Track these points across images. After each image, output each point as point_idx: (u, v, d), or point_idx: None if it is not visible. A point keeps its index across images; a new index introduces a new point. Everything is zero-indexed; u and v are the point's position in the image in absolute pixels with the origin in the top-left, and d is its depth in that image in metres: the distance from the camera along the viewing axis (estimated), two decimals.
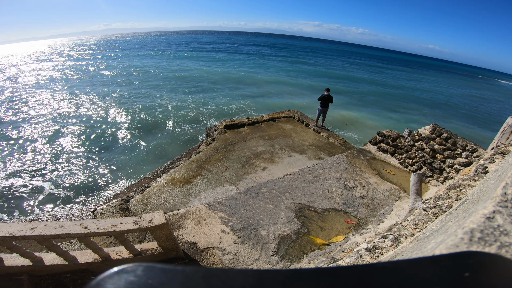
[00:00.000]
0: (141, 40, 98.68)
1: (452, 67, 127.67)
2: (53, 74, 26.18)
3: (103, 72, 27.26)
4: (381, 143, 6.79)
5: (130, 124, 12.59)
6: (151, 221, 2.77)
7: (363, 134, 13.12)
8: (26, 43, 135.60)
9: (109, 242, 3.80)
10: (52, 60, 38.37)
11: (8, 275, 2.92)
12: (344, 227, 4.16)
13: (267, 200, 4.64)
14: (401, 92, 27.82)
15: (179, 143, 10.53)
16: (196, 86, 21.08)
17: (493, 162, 2.74)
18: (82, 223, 2.64)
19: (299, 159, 6.76)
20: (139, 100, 16.81)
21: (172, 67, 31.05)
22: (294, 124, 9.20)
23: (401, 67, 64.09)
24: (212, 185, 5.56)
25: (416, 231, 2.30)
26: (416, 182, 3.32)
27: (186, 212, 4.27)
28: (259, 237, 3.84)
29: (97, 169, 8.48)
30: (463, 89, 39.97)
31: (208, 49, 56.60)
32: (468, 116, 21.56)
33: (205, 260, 3.49)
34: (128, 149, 10.03)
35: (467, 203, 1.55)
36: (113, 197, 5.81)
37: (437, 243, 0.72)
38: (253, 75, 27.24)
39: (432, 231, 1.59)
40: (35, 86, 20.59)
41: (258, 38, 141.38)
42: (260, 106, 16.32)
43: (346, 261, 2.58)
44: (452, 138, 5.21)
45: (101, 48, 58.12)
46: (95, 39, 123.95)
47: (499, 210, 0.68)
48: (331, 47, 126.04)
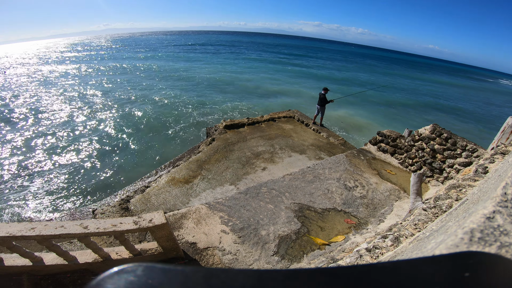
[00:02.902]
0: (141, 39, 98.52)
1: (452, 67, 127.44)
2: (48, 75, 26.11)
3: (100, 72, 27.26)
4: (381, 143, 6.79)
5: (129, 124, 12.60)
6: (151, 221, 2.77)
7: (363, 134, 13.12)
8: (25, 43, 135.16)
9: (109, 242, 3.80)
10: (48, 62, 38.10)
11: (8, 275, 2.92)
12: (344, 227, 4.16)
13: (267, 200, 4.64)
14: (402, 91, 27.83)
15: (179, 143, 10.53)
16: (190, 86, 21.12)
17: (493, 162, 2.74)
18: (82, 223, 2.64)
19: (299, 159, 6.76)
20: (139, 100, 16.81)
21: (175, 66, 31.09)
22: (294, 124, 9.20)
23: (403, 67, 63.70)
24: (212, 185, 5.56)
25: (416, 231, 2.30)
26: (416, 182, 3.32)
27: (186, 212, 4.27)
28: (259, 237, 3.84)
29: (97, 169, 8.48)
30: (464, 89, 39.94)
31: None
32: (468, 116, 21.57)
33: (205, 260, 3.49)
34: (128, 149, 10.03)
35: (467, 203, 1.55)
36: (113, 197, 5.82)
37: (437, 243, 0.72)
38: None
39: (432, 231, 1.59)
40: (30, 85, 20.60)
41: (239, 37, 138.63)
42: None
43: (346, 261, 2.57)
44: (452, 138, 5.21)
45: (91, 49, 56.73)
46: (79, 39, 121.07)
47: (499, 210, 0.68)
48: (330, 47, 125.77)
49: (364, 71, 41.60)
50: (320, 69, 37.93)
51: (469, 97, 32.12)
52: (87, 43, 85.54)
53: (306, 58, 53.73)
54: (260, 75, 28.16)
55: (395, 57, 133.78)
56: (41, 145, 10.29)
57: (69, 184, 7.63)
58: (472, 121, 20.31)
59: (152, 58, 40.28)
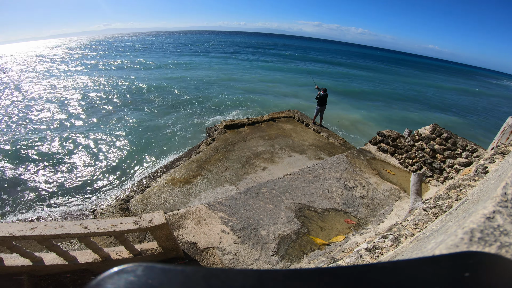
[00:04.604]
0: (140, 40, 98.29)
1: (452, 67, 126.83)
2: (44, 75, 26.03)
3: (98, 73, 27.27)
4: (381, 143, 6.79)
5: (129, 124, 12.60)
6: (151, 221, 2.78)
7: (363, 134, 13.13)
8: (25, 43, 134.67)
9: (109, 242, 3.80)
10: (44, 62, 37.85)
11: (8, 275, 2.92)
12: (344, 227, 4.16)
13: (267, 200, 4.64)
14: (403, 92, 27.80)
15: (179, 143, 10.53)
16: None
17: (493, 162, 2.74)
18: (82, 223, 2.64)
19: (299, 159, 6.76)
20: (139, 100, 16.81)
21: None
22: (294, 124, 9.20)
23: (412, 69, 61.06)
24: (212, 185, 5.56)
25: (416, 231, 2.30)
26: (416, 182, 3.32)
27: (186, 212, 4.27)
28: (259, 237, 3.84)
29: (97, 169, 8.48)
30: (463, 88, 39.83)
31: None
32: (468, 116, 21.56)
33: (205, 260, 3.49)
34: (128, 149, 10.03)
35: (467, 203, 1.55)
36: (113, 197, 5.82)
37: (437, 243, 0.72)
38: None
39: (432, 231, 1.59)
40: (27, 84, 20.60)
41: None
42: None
43: (346, 261, 2.58)
44: (452, 138, 5.21)
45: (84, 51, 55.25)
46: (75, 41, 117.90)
47: (499, 210, 0.68)
48: (330, 47, 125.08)
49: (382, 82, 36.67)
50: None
51: (469, 97, 31.81)
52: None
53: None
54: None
55: (395, 57, 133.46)
56: (40, 145, 10.29)
57: (69, 184, 7.63)
58: (472, 121, 20.27)
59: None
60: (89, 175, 8.17)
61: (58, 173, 8.25)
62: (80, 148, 10.08)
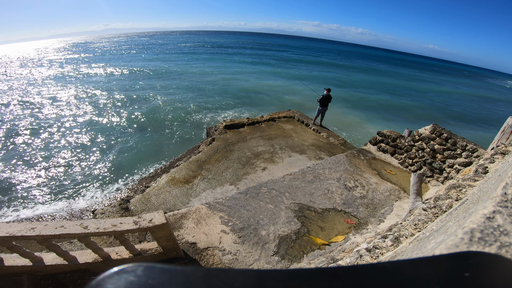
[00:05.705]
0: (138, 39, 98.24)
1: (452, 67, 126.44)
2: (40, 75, 26.04)
3: (97, 72, 27.25)
4: (381, 143, 6.79)
5: (129, 124, 12.60)
6: (151, 221, 2.78)
7: (362, 134, 13.13)
8: (24, 43, 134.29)
9: (109, 242, 3.80)
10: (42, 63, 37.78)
11: (8, 275, 2.92)
12: (344, 227, 4.16)
13: (267, 200, 4.64)
14: (403, 91, 27.78)
15: (179, 143, 10.53)
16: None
17: (493, 162, 2.74)
18: (82, 223, 2.64)
19: (299, 159, 6.76)
20: (139, 100, 16.81)
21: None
22: (294, 124, 9.20)
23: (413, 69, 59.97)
24: (212, 185, 5.56)
25: (416, 231, 2.30)
26: (416, 182, 3.32)
27: (186, 212, 4.27)
28: (259, 237, 3.84)
29: (97, 169, 8.48)
30: (463, 89, 39.81)
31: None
32: (469, 116, 21.54)
33: (205, 260, 3.49)
34: (128, 149, 10.03)
35: (467, 203, 1.55)
36: (113, 197, 5.82)
37: (437, 243, 0.72)
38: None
39: (432, 231, 1.59)
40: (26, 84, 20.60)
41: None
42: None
43: (346, 261, 2.57)
44: (452, 138, 5.21)
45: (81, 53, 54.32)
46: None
47: (499, 210, 0.68)
48: (329, 47, 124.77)
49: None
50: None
51: (469, 97, 31.72)
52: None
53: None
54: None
55: (395, 57, 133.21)
56: (39, 145, 10.29)
57: (69, 184, 7.63)
58: (472, 121, 20.23)
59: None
60: (89, 175, 8.17)
61: (58, 173, 8.25)
62: (80, 148, 10.08)
